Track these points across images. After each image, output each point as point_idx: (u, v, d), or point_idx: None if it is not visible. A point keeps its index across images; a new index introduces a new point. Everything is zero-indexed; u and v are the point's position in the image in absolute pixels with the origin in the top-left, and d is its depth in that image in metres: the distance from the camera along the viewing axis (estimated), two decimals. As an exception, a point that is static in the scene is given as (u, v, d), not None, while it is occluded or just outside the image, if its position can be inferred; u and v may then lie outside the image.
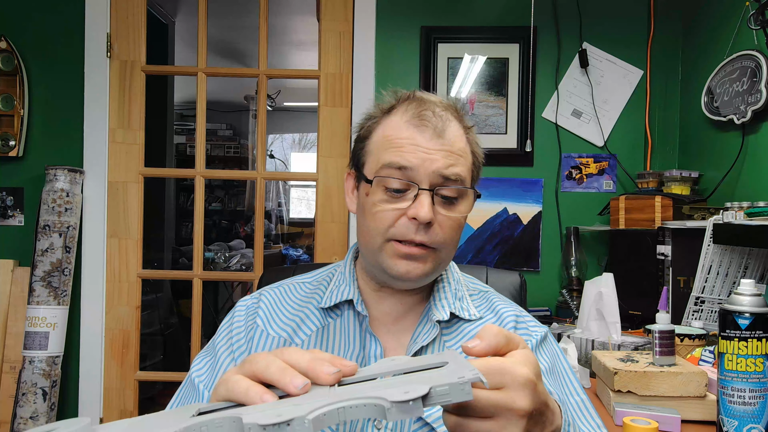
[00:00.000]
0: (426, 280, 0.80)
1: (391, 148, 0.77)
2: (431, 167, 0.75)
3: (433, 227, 0.75)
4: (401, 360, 0.49)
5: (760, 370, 0.85)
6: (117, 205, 2.09)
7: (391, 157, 0.76)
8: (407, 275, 0.76)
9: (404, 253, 0.75)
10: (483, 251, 2.11)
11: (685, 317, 1.51)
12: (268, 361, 0.45)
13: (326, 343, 0.80)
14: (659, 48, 2.10)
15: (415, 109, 0.79)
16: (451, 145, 0.77)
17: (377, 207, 0.77)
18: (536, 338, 0.83)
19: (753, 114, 1.61)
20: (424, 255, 0.76)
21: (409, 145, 0.76)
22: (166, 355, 3.45)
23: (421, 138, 0.76)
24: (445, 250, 0.78)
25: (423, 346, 0.79)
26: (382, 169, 0.77)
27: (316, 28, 2.22)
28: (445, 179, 0.76)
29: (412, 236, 0.75)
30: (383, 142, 0.79)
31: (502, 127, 2.11)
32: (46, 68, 2.08)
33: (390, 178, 0.76)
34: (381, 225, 0.76)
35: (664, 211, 1.78)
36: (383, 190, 0.77)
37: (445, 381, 0.40)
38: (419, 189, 0.75)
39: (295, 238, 5.99)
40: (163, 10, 3.39)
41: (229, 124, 6.44)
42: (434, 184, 0.76)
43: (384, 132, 0.80)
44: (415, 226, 0.75)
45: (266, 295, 0.87)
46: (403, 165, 0.75)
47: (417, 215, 0.74)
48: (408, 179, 0.75)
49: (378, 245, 0.77)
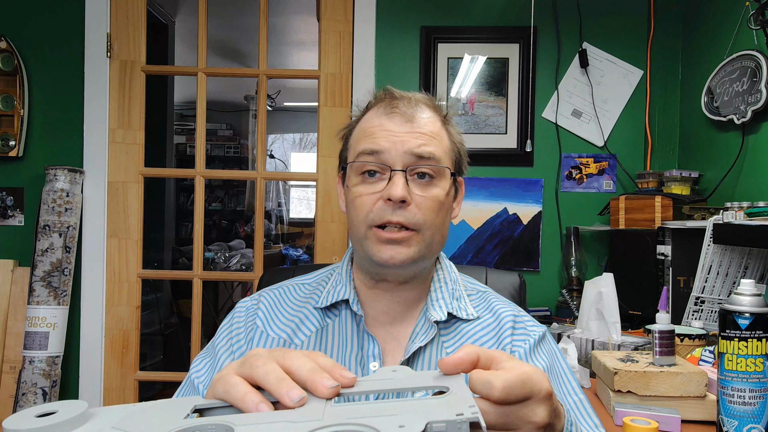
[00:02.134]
0: (413, 266, 0.80)
1: (364, 138, 0.80)
2: (402, 148, 0.77)
3: (410, 207, 0.77)
4: (403, 374, 0.48)
5: (760, 370, 0.85)
6: (117, 205, 2.09)
7: (364, 144, 0.80)
8: (391, 260, 0.77)
9: (386, 238, 0.77)
10: (483, 251, 2.11)
11: (685, 317, 1.51)
12: (268, 369, 0.45)
13: (325, 344, 0.81)
14: (659, 48, 2.10)
15: (389, 102, 0.82)
16: (422, 128, 0.80)
17: (356, 194, 0.79)
18: (534, 338, 0.83)
19: (753, 114, 1.61)
20: (406, 238, 0.77)
21: (380, 132, 0.79)
22: (166, 355, 3.46)
23: (391, 124, 0.79)
24: (427, 231, 0.78)
25: (421, 347, 0.79)
26: (358, 157, 0.80)
27: (316, 28, 2.22)
28: (418, 158, 0.78)
29: (389, 217, 0.76)
30: (359, 135, 0.82)
31: (502, 127, 2.11)
32: (46, 68, 2.08)
33: (364, 162, 0.79)
34: (361, 212, 0.78)
35: (664, 211, 1.78)
36: (359, 175, 0.80)
37: (443, 417, 0.39)
38: (392, 170, 0.77)
39: (295, 238, 5.99)
40: (163, 10, 3.39)
41: (229, 124, 6.43)
42: (407, 165, 0.78)
43: (360, 127, 0.84)
44: (392, 207, 0.76)
45: (266, 297, 0.87)
46: (375, 149, 0.78)
47: (390, 194, 0.75)
48: (381, 162, 0.78)
49: (362, 234, 0.79)
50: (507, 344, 0.81)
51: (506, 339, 0.81)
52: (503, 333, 0.82)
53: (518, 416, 0.47)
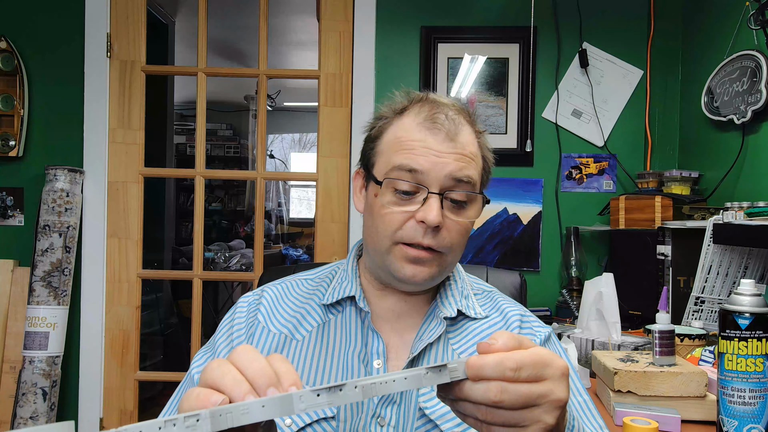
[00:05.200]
0: (431, 283, 0.80)
1: (402, 150, 0.76)
2: (443, 171, 0.75)
3: (441, 231, 0.75)
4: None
5: (760, 370, 0.85)
6: (117, 205, 2.09)
7: (402, 159, 0.75)
8: (413, 278, 0.76)
9: (412, 256, 0.75)
10: (483, 251, 2.11)
11: (685, 317, 1.51)
12: (225, 381, 0.47)
13: (326, 339, 0.80)
14: (659, 48, 2.10)
15: (428, 111, 0.78)
16: (463, 149, 0.77)
17: (386, 209, 0.76)
18: (540, 338, 0.83)
19: (753, 114, 1.61)
20: (431, 259, 0.76)
21: (421, 148, 0.75)
22: (166, 355, 3.45)
23: (434, 141, 0.76)
24: (451, 254, 0.78)
25: (429, 344, 0.79)
26: (392, 171, 0.76)
27: (316, 28, 2.22)
28: (457, 182, 0.75)
29: (420, 240, 0.74)
30: (394, 143, 0.78)
31: (502, 127, 2.11)
32: (46, 68, 2.08)
33: (400, 180, 0.75)
34: (389, 227, 0.76)
35: (664, 211, 1.78)
36: (393, 191, 0.76)
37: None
38: (429, 192, 0.74)
39: (295, 238, 5.99)
40: (163, 10, 3.39)
41: (229, 124, 6.43)
42: (444, 188, 0.75)
43: (395, 133, 0.79)
44: (423, 230, 0.74)
45: (268, 292, 0.86)
46: (414, 168, 0.74)
47: (425, 218, 0.73)
48: (418, 182, 0.75)
49: (386, 247, 0.77)
50: None
51: None
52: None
53: (537, 394, 0.50)
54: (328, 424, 0.74)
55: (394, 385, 0.48)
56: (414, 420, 0.74)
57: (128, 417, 2.09)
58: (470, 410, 0.51)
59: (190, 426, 0.41)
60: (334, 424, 0.74)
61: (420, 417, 0.74)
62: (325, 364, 0.78)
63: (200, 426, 0.42)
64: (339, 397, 0.45)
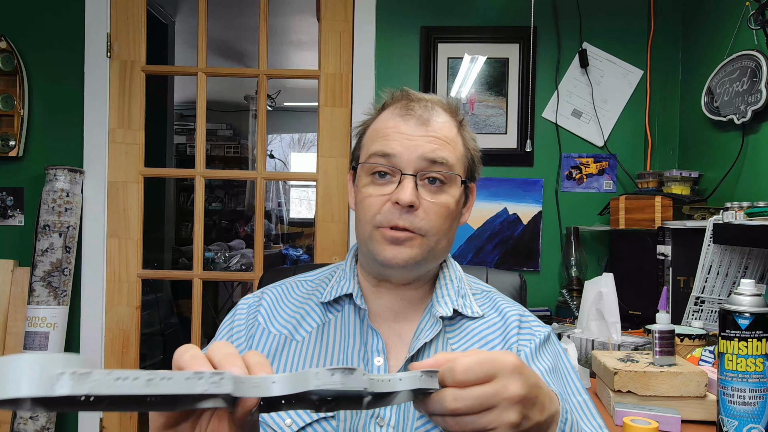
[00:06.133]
0: (417, 267, 0.80)
1: (378, 139, 0.80)
2: (415, 153, 0.77)
3: (417, 212, 0.77)
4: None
5: (760, 370, 0.85)
6: (117, 205, 2.09)
7: (377, 146, 0.79)
8: (394, 260, 0.77)
9: (389, 236, 0.77)
10: (483, 251, 2.11)
11: (685, 317, 1.51)
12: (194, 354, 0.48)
13: (326, 339, 0.81)
14: (659, 48, 2.10)
15: (404, 102, 0.82)
16: (436, 132, 0.79)
17: (365, 194, 0.79)
18: (539, 338, 0.83)
19: (753, 114, 1.61)
20: (409, 238, 0.77)
21: (394, 134, 0.79)
22: (166, 355, 3.45)
23: (406, 126, 0.79)
24: (432, 237, 0.78)
25: (426, 343, 0.79)
26: (369, 158, 0.80)
27: (316, 28, 2.22)
28: (431, 162, 0.78)
29: (396, 221, 0.76)
30: (372, 135, 0.82)
31: (502, 127, 2.11)
32: (46, 68, 2.08)
33: (376, 164, 0.78)
34: (369, 213, 0.78)
35: (664, 211, 1.78)
36: (369, 176, 0.79)
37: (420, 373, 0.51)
38: (402, 174, 0.77)
39: (295, 238, 5.99)
40: (163, 10, 3.39)
41: (229, 124, 6.44)
42: (418, 170, 0.77)
43: (375, 127, 0.83)
44: (399, 211, 0.76)
45: (268, 294, 0.87)
46: (387, 152, 0.78)
47: (399, 198, 0.75)
48: (392, 165, 0.78)
49: (368, 233, 0.79)
50: (513, 343, 0.81)
51: (512, 338, 0.81)
52: (509, 332, 0.82)
53: (490, 394, 0.50)
54: (328, 423, 0.74)
55: (397, 383, 0.49)
56: (413, 420, 0.74)
57: (128, 417, 2.10)
58: (440, 422, 0.52)
59: (215, 382, 0.42)
60: (334, 424, 0.74)
61: (420, 417, 0.74)
62: (325, 363, 0.78)
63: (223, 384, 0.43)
64: (350, 379, 0.46)
